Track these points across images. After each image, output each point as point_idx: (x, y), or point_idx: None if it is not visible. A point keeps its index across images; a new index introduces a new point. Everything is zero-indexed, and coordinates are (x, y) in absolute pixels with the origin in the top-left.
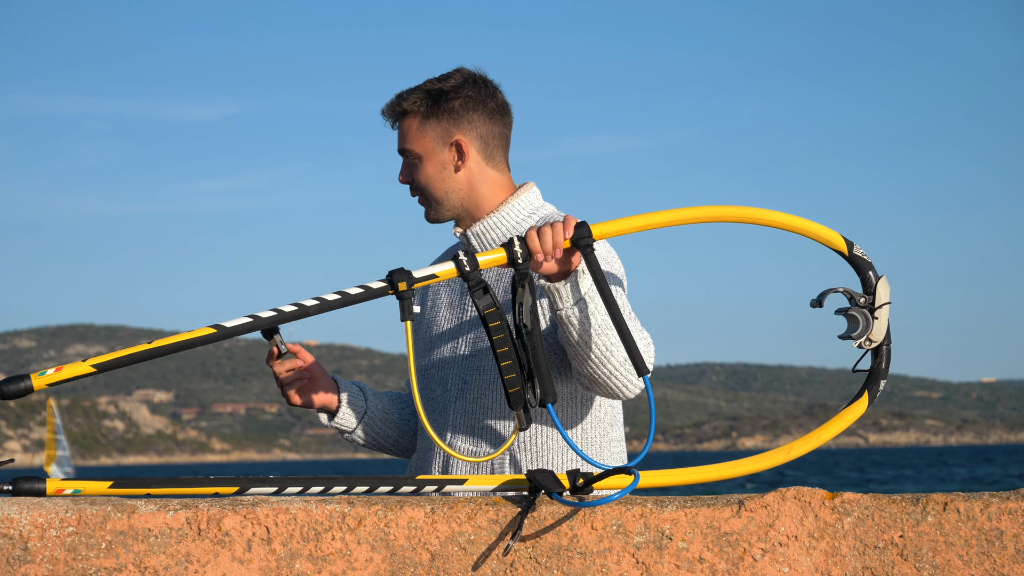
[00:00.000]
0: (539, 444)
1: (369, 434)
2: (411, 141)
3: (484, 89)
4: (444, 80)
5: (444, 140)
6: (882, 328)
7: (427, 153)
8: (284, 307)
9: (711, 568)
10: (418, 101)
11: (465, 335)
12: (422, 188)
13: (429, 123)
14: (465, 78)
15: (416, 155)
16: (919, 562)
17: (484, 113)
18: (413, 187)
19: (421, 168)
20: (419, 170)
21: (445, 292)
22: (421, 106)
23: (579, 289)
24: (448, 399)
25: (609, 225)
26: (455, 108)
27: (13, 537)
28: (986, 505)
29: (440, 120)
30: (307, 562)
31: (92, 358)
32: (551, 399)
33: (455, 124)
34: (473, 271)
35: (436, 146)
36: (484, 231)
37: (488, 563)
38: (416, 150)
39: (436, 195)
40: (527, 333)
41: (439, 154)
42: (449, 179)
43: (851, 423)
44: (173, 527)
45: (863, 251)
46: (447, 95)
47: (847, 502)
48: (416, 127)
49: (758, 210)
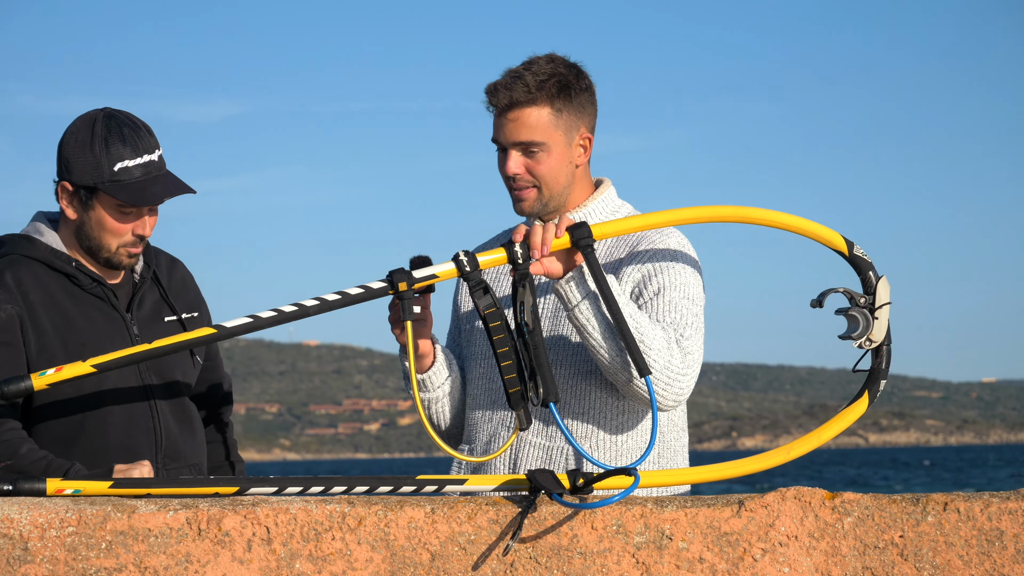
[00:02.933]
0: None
1: (452, 396)
2: (539, 132)
3: (590, 80)
4: (558, 67)
5: (573, 134)
6: (882, 328)
7: (555, 145)
8: (284, 307)
9: (711, 568)
10: (548, 90)
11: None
12: (543, 181)
13: (562, 115)
14: (575, 68)
15: (542, 146)
16: (919, 562)
17: (595, 107)
18: (523, 177)
19: (545, 159)
20: (543, 163)
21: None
22: (553, 96)
23: (585, 286)
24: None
25: (609, 225)
26: (583, 102)
27: (13, 537)
28: (986, 505)
29: (572, 113)
30: (307, 562)
31: (92, 358)
32: (553, 398)
33: (581, 118)
34: (473, 271)
35: (565, 139)
36: (578, 220)
37: (488, 563)
38: (545, 141)
39: (556, 189)
40: (528, 332)
41: (567, 148)
42: (570, 173)
43: (851, 423)
44: (173, 527)
45: (863, 251)
46: (575, 86)
47: (847, 502)
48: (548, 117)
49: (758, 210)
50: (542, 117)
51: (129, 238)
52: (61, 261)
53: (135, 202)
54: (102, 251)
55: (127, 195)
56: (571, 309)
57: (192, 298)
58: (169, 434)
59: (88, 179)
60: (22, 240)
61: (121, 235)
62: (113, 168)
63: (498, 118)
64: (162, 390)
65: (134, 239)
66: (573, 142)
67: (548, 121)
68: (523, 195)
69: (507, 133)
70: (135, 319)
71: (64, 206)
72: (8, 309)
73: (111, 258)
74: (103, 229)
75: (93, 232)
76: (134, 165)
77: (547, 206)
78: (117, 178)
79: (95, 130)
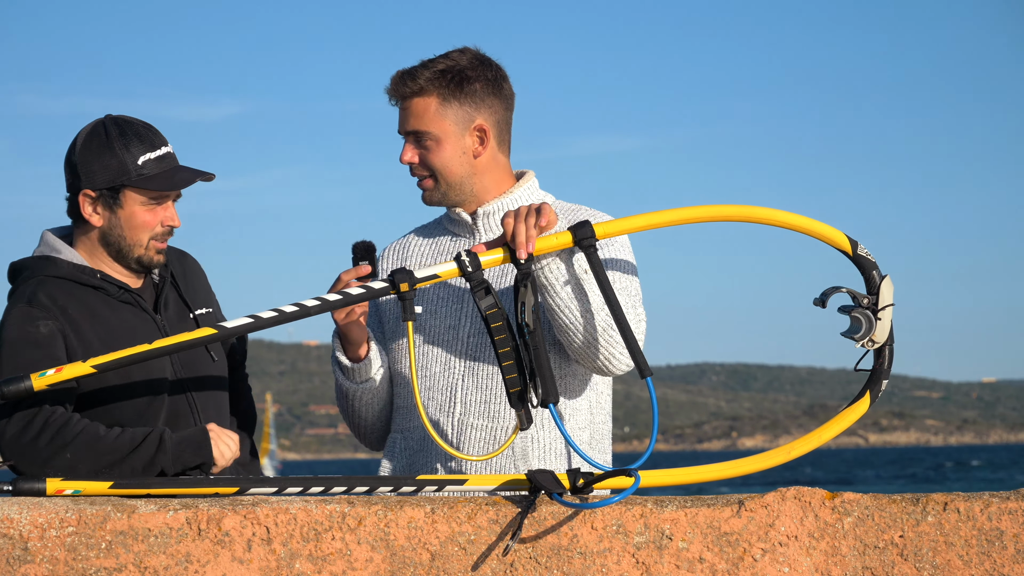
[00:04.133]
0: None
1: (378, 392)
2: (428, 122)
3: (498, 73)
4: (458, 60)
5: (466, 124)
6: (885, 329)
7: (446, 136)
8: (285, 307)
9: (711, 568)
10: (437, 81)
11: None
12: (436, 171)
13: (450, 105)
14: (480, 60)
15: (433, 137)
16: (919, 562)
17: (500, 99)
18: (417, 168)
19: (437, 150)
20: (434, 152)
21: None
22: (441, 86)
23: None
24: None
25: (612, 225)
26: (477, 91)
27: (13, 537)
28: (986, 505)
29: (462, 103)
30: (307, 562)
31: (92, 358)
32: (553, 399)
33: (476, 108)
34: (475, 271)
35: (457, 129)
36: (495, 211)
37: (488, 563)
38: (434, 131)
39: (451, 179)
40: (529, 333)
41: (459, 138)
42: (467, 164)
43: (852, 423)
44: (173, 527)
45: (867, 251)
46: (468, 77)
47: (847, 502)
48: (435, 108)
49: (762, 209)
50: (429, 107)
51: (159, 230)
52: (86, 275)
53: (167, 188)
54: (135, 249)
55: (157, 183)
56: (549, 287)
57: (203, 292)
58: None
59: (113, 179)
60: (42, 261)
61: (152, 228)
62: (137, 163)
63: (395, 107)
64: (196, 386)
65: (164, 230)
66: (466, 132)
67: (435, 111)
68: (421, 185)
69: (401, 122)
70: (165, 320)
71: (89, 214)
72: (49, 324)
73: (142, 256)
74: (133, 226)
75: (124, 232)
76: (155, 157)
77: (447, 196)
78: (143, 172)
79: (109, 133)
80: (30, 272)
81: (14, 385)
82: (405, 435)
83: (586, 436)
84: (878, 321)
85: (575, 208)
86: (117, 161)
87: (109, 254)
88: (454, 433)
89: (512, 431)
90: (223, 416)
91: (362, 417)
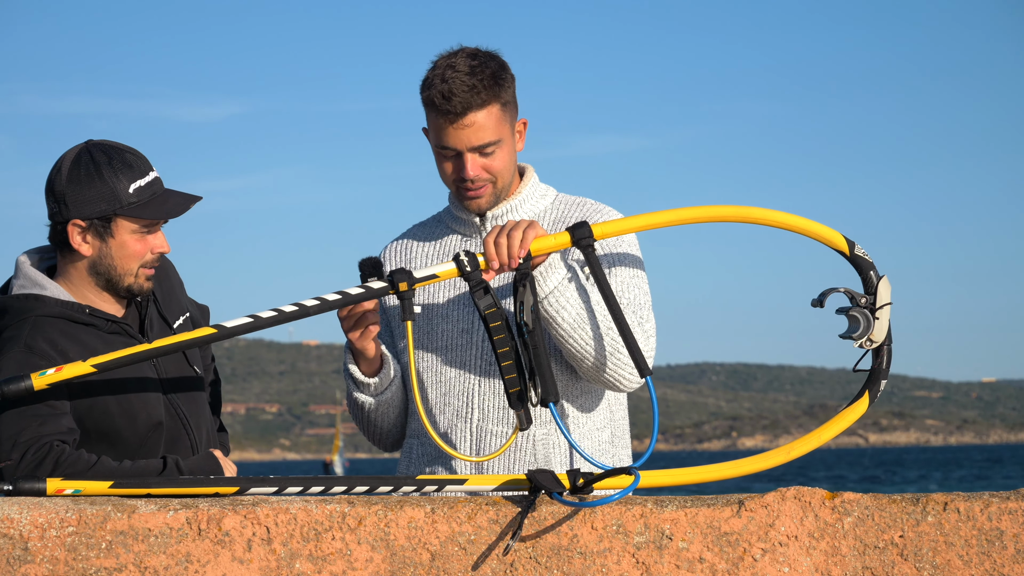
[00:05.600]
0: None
1: (392, 401)
2: (494, 131)
3: (507, 65)
4: (486, 61)
5: (514, 123)
6: (883, 329)
7: (506, 139)
8: (284, 307)
9: (711, 568)
10: (494, 88)
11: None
12: (498, 174)
13: (507, 109)
14: (492, 56)
15: (496, 143)
16: (919, 562)
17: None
18: (479, 178)
19: (500, 155)
20: (496, 158)
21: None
22: (496, 93)
23: (557, 276)
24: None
25: (610, 225)
26: (513, 89)
27: (13, 537)
28: (986, 505)
29: (512, 103)
30: (307, 562)
31: (92, 358)
32: (553, 399)
33: (516, 106)
34: (474, 271)
35: (510, 131)
36: (503, 215)
37: (488, 563)
38: (500, 138)
39: (506, 180)
40: (528, 332)
41: (512, 139)
42: (514, 162)
43: (852, 423)
44: (173, 527)
45: (864, 251)
46: (505, 77)
47: (847, 502)
48: (498, 114)
49: (760, 210)
50: (494, 116)
51: (149, 257)
52: (76, 311)
53: (160, 216)
54: (125, 278)
55: (150, 212)
56: (546, 296)
57: (176, 299)
58: (200, 436)
59: (105, 209)
60: (30, 300)
61: (142, 256)
62: (128, 191)
63: (449, 125)
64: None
65: (153, 257)
66: (514, 131)
67: (499, 118)
68: (480, 192)
69: (464, 139)
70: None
71: (78, 244)
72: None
73: (132, 284)
74: (124, 255)
75: (115, 261)
76: (145, 184)
77: (498, 198)
78: (134, 200)
79: (96, 160)
80: (18, 312)
81: (14, 385)
82: (422, 440)
83: (607, 435)
84: (876, 320)
85: (580, 201)
86: (108, 190)
87: (97, 283)
88: (473, 439)
89: (532, 436)
90: (209, 428)
91: (378, 426)
